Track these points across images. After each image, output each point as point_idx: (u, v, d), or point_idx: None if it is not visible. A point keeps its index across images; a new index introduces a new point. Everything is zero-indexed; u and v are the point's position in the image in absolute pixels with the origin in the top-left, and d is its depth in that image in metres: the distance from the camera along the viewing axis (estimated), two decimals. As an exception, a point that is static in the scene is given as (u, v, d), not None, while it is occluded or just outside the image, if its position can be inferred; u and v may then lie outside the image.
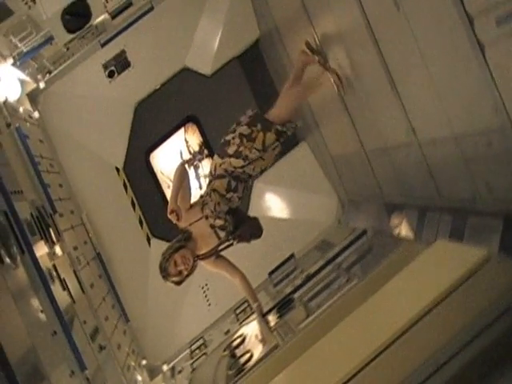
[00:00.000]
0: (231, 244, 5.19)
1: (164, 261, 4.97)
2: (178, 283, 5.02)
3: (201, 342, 7.60)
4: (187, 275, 5.00)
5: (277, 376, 4.55)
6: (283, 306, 6.13)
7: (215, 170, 5.13)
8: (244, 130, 5.07)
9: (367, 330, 3.89)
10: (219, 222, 4.97)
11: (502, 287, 3.29)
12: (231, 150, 5.08)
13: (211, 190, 5.05)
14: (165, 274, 4.98)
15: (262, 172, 5.32)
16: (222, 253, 5.32)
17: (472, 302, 3.31)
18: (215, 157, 5.21)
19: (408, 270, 4.25)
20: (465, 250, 3.99)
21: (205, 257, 5.13)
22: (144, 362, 7.97)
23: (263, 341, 5.74)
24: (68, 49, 7.49)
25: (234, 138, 5.07)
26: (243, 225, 5.15)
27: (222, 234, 5.03)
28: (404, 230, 5.40)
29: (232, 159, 5.08)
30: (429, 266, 4.12)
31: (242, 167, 5.03)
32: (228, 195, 5.03)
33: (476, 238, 4.12)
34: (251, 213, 7.04)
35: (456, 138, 4.16)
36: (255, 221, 5.29)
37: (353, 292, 4.95)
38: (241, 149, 5.02)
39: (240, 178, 5.09)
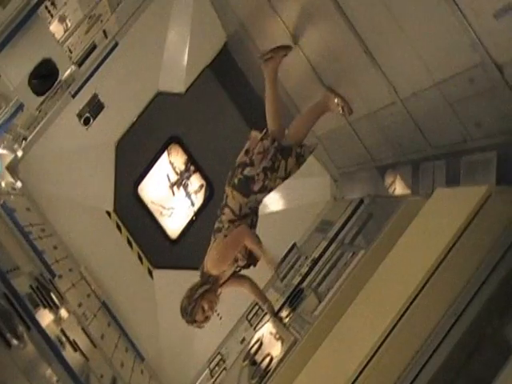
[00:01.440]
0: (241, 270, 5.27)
1: (190, 306, 4.99)
2: (202, 325, 5.03)
3: (218, 358, 7.57)
4: (208, 319, 5.03)
5: (302, 371, 4.52)
6: (294, 299, 6.11)
7: (240, 210, 5.11)
8: (267, 163, 5.08)
9: (386, 295, 3.92)
10: (243, 263, 5.06)
11: (508, 216, 3.28)
12: (257, 186, 5.10)
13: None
14: (190, 319, 4.99)
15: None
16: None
17: (483, 239, 3.37)
18: (235, 194, 5.14)
19: (413, 225, 4.27)
20: (465, 192, 4.00)
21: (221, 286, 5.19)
22: (166, 395, 8.04)
23: (280, 339, 5.72)
24: (40, 111, 7.55)
25: (258, 175, 5.07)
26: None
27: (238, 268, 5.11)
28: (400, 187, 5.39)
29: (258, 195, 5.08)
30: (433, 217, 4.15)
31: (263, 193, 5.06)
32: (248, 204, 5.07)
33: (472, 177, 4.14)
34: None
35: (437, 84, 4.20)
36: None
37: (361, 264, 4.93)
38: (266, 183, 5.04)
39: (256, 210, 5.16)
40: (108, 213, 8.42)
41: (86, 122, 7.93)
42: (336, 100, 5.52)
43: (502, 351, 2.80)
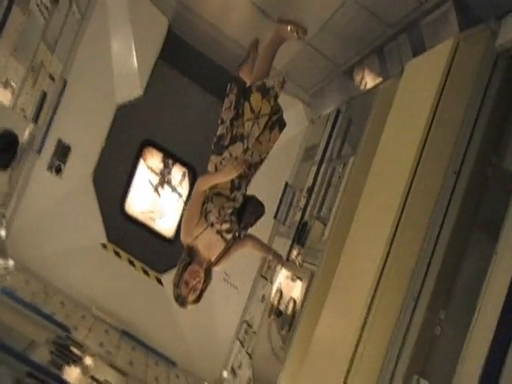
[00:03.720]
0: (239, 236, 5.22)
1: (175, 288, 4.97)
2: (197, 300, 5.00)
3: (244, 326, 7.68)
4: (202, 289, 4.98)
5: (328, 297, 4.61)
6: (300, 234, 6.19)
7: (216, 170, 5.11)
8: (232, 114, 5.08)
9: (388, 178, 4.02)
10: (226, 226, 4.97)
11: (480, 55, 3.35)
12: (227, 140, 5.08)
13: (213, 194, 5.02)
14: (180, 299, 4.97)
15: (261, 161, 5.25)
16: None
17: (464, 86, 3.48)
18: (212, 158, 5.17)
19: (394, 107, 4.36)
20: (433, 52, 4.07)
21: (218, 261, 5.14)
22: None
23: (298, 279, 5.81)
24: (10, 182, 7.60)
25: (226, 129, 5.06)
26: (245, 214, 5.16)
27: (229, 236, 5.04)
28: (370, 79, 5.44)
29: (230, 147, 5.07)
30: (412, 89, 4.24)
31: (243, 152, 5.01)
32: (232, 195, 5.03)
33: (436, 37, 4.16)
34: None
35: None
36: (254, 201, 5.28)
37: (354, 168, 5.00)
38: (235, 131, 5.02)
39: (241, 173, 5.10)
40: (103, 245, 8.64)
41: (58, 170, 8.15)
42: (288, 27, 5.55)
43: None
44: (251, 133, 5.03)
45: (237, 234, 5.06)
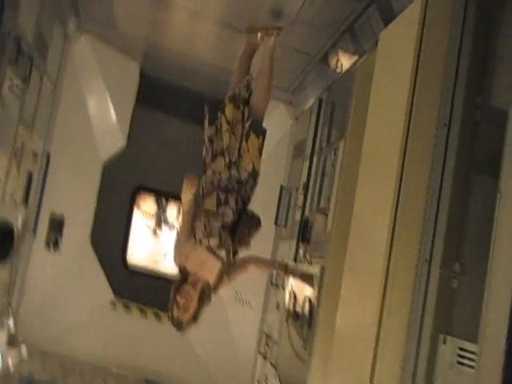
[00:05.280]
0: (234, 254, 5.18)
1: (169, 311, 4.94)
2: (193, 320, 4.92)
3: (264, 338, 7.65)
4: (197, 309, 4.91)
5: (342, 284, 4.61)
6: (304, 232, 6.19)
7: (202, 189, 5.12)
8: (209, 131, 5.10)
9: (380, 150, 4.04)
10: (214, 241, 4.91)
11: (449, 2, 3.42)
12: (208, 157, 5.10)
13: (200, 212, 5.02)
14: (175, 322, 4.92)
15: (251, 175, 5.19)
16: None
17: (442, 32, 3.53)
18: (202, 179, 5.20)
19: (376, 78, 4.39)
20: (405, 14, 4.11)
21: (218, 284, 5.09)
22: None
23: (310, 277, 5.81)
24: (11, 270, 7.69)
25: (206, 148, 5.08)
26: (238, 228, 5.12)
27: (223, 254, 5.00)
28: (346, 60, 5.50)
29: (213, 164, 5.07)
30: (390, 55, 4.29)
31: (227, 167, 4.99)
32: (220, 210, 5.01)
33: (405, 1, 4.18)
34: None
35: None
36: (247, 214, 5.25)
37: (347, 151, 5.03)
38: (214, 147, 5.04)
39: (228, 188, 5.05)
40: (112, 303, 8.70)
41: (56, 245, 8.23)
42: (258, 35, 5.55)
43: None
44: (230, 144, 5.01)
45: (231, 251, 5.01)
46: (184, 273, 4.86)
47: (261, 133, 5.04)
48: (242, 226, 5.03)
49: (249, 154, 5.01)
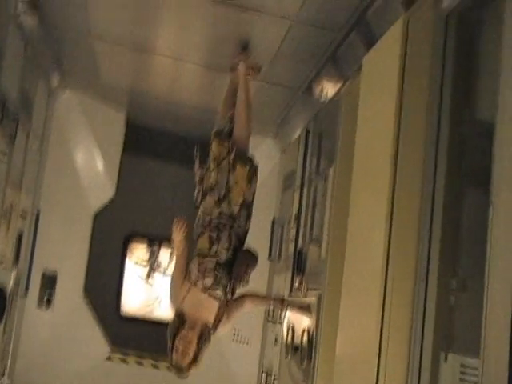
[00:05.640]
0: (233, 293, 5.13)
1: (169, 358, 4.87)
2: (193, 364, 4.84)
3: (264, 376, 7.57)
4: (196, 352, 4.83)
5: (340, 312, 4.57)
6: (299, 264, 6.19)
7: (196, 230, 5.12)
8: (200, 172, 5.14)
9: (371, 173, 4.07)
10: (209, 281, 4.87)
11: (430, 23, 3.50)
12: (199, 198, 5.11)
13: (194, 254, 5.01)
14: (175, 368, 4.85)
15: (243, 208, 5.17)
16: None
17: (425, 52, 3.61)
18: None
19: (362, 103, 4.44)
20: (386, 38, 4.18)
21: (217, 324, 5.02)
22: None
23: (307, 309, 5.77)
24: (5, 333, 7.66)
25: (198, 189, 5.12)
26: (234, 266, 5.09)
27: (219, 293, 4.95)
28: (331, 88, 5.54)
29: (203, 204, 5.08)
30: (375, 79, 4.34)
31: (217, 205, 4.98)
32: (212, 250, 4.97)
33: (385, 22, 4.25)
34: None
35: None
36: (243, 251, 5.23)
37: (337, 177, 5.05)
38: (204, 186, 5.06)
39: (219, 226, 5.03)
40: (108, 357, 8.67)
41: (49, 303, 8.23)
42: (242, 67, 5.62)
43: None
44: (218, 181, 5.02)
45: (229, 290, 4.97)
46: (181, 317, 4.79)
47: (247, 162, 5.06)
48: (238, 263, 4.98)
49: (238, 185, 5.01)
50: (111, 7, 5.69)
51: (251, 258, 5.12)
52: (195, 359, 4.73)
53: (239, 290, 5.00)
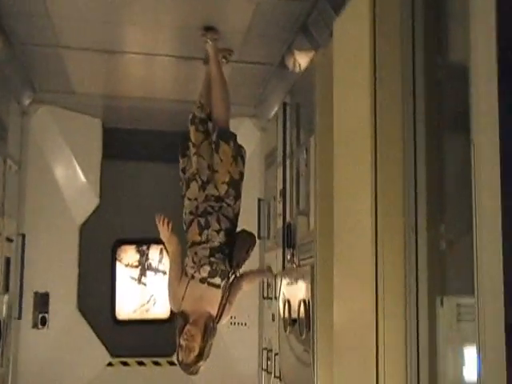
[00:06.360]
0: (235, 277, 5.06)
1: (177, 359, 4.83)
2: (199, 358, 4.77)
3: (265, 353, 7.58)
4: (202, 346, 4.76)
5: (334, 277, 4.60)
6: (288, 238, 6.21)
7: (184, 223, 5.07)
8: (182, 163, 5.15)
9: (352, 134, 4.08)
10: (206, 270, 4.80)
11: None
12: (184, 188, 5.10)
13: (188, 247, 4.95)
14: (183, 366, 4.77)
15: (230, 186, 5.11)
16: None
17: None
18: None
19: (336, 67, 4.45)
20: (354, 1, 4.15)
21: (222, 311, 4.95)
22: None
23: (301, 279, 5.80)
24: (2, 359, 7.67)
25: (182, 180, 5.12)
26: (234, 251, 5.02)
27: (217, 281, 4.88)
28: (303, 59, 5.56)
29: (188, 193, 5.05)
30: (347, 41, 4.34)
31: (201, 189, 4.93)
32: (203, 236, 4.90)
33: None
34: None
35: None
36: (240, 234, 5.17)
37: (318, 145, 5.07)
38: (187, 175, 5.04)
39: (207, 210, 4.96)
40: (109, 364, 8.69)
41: (44, 322, 8.21)
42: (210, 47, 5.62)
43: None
44: (199, 166, 5.01)
45: (231, 275, 4.92)
46: (184, 315, 4.73)
47: (230, 138, 5.06)
48: (238, 248, 4.92)
49: (223, 164, 5.00)
50: (75, 14, 5.67)
51: (249, 239, 5.09)
52: (201, 354, 4.65)
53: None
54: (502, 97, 2.70)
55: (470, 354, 2.87)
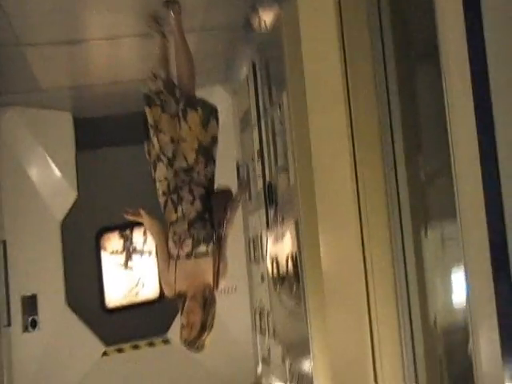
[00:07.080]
0: (219, 240, 4.97)
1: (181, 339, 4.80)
2: (203, 332, 4.74)
3: (258, 314, 7.65)
4: (203, 320, 4.72)
5: (319, 229, 4.65)
6: (270, 196, 6.26)
7: (161, 205, 5.04)
8: (146, 146, 5.11)
9: (324, 91, 4.07)
10: (188, 244, 4.79)
11: None
12: (152, 171, 5.05)
13: (168, 228, 4.90)
14: (187, 343, 4.72)
15: (199, 153, 4.94)
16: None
17: None
18: None
19: (302, 20, 4.45)
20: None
21: (217, 276, 4.90)
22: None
23: (286, 234, 5.83)
24: None
25: (149, 164, 5.06)
26: (212, 212, 4.94)
27: (203, 249, 4.85)
28: (269, 14, 5.55)
29: (157, 173, 4.99)
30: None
31: (169, 166, 4.85)
32: (179, 213, 4.84)
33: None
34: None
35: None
36: (214, 195, 5.10)
37: (291, 100, 5.08)
38: (152, 158, 5.00)
39: (178, 185, 4.90)
40: (104, 353, 8.72)
41: (34, 324, 8.20)
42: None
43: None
44: (161, 144, 4.95)
45: (216, 238, 4.87)
46: (181, 295, 4.70)
47: (197, 105, 5.00)
48: (215, 209, 4.84)
49: (191, 132, 4.90)
50: (32, 8, 5.56)
51: (225, 196, 5.01)
52: (204, 327, 4.63)
53: (229, 231, 4.82)
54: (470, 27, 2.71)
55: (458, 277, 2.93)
